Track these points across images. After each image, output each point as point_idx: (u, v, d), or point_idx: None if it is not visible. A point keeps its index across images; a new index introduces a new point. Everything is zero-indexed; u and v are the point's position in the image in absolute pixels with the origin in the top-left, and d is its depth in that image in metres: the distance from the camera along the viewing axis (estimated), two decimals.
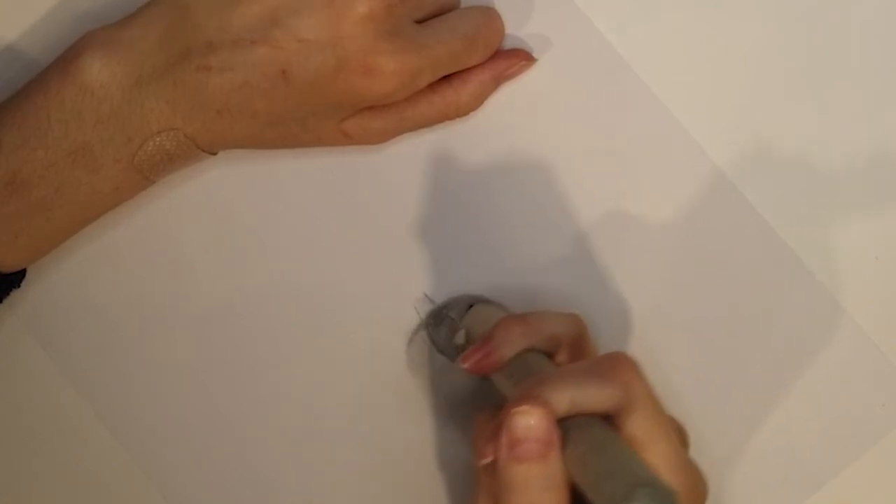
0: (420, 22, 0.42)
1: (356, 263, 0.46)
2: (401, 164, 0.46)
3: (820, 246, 0.45)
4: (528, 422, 0.34)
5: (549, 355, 0.40)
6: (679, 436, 0.39)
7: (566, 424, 0.35)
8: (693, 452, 0.45)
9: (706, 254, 0.46)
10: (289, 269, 0.46)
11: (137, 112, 0.40)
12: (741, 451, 0.45)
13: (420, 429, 0.46)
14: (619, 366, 0.37)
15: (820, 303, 0.45)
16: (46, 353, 0.46)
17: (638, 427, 0.36)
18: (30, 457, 0.46)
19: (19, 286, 0.44)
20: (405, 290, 0.46)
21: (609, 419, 0.36)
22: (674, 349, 0.45)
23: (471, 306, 0.45)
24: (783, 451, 0.45)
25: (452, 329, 0.45)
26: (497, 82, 0.45)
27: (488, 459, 0.35)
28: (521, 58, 0.45)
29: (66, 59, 0.41)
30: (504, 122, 0.46)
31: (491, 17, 0.44)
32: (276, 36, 0.40)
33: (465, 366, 0.40)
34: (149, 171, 0.42)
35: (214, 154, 0.44)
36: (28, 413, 0.46)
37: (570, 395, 0.35)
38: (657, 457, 0.35)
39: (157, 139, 0.41)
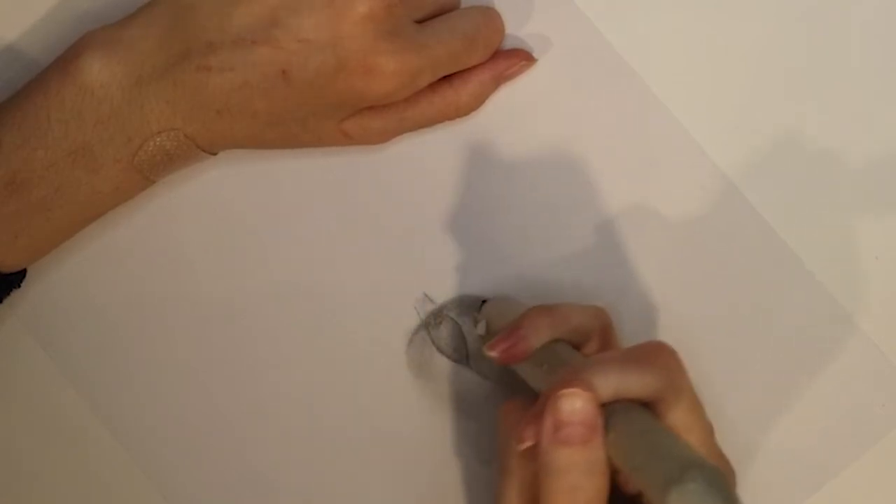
0: (420, 22, 0.42)
1: (356, 263, 0.46)
2: (401, 164, 0.46)
3: (820, 246, 0.45)
4: (574, 405, 0.34)
5: (575, 347, 0.40)
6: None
7: (608, 410, 0.35)
8: None
9: (706, 254, 0.46)
10: (289, 269, 0.46)
11: (137, 112, 0.40)
12: (741, 451, 0.45)
13: (420, 428, 0.46)
14: (660, 354, 0.37)
15: (820, 303, 0.45)
16: (46, 353, 0.46)
17: (678, 416, 0.36)
18: (30, 457, 0.46)
19: (19, 286, 0.44)
20: (405, 290, 0.46)
21: (648, 406, 0.36)
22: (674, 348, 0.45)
23: (483, 302, 0.45)
24: (783, 450, 0.45)
25: (455, 332, 0.45)
26: (497, 82, 0.45)
27: (529, 443, 0.36)
28: (522, 58, 0.45)
29: (66, 59, 0.41)
30: (504, 123, 0.46)
31: (491, 17, 0.44)
32: (276, 36, 0.40)
33: (494, 353, 0.40)
34: (149, 171, 0.42)
35: (214, 154, 0.44)
36: (28, 413, 0.46)
37: (614, 381, 0.35)
38: (695, 443, 0.36)
39: (158, 139, 0.41)
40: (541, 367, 0.39)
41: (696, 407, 0.37)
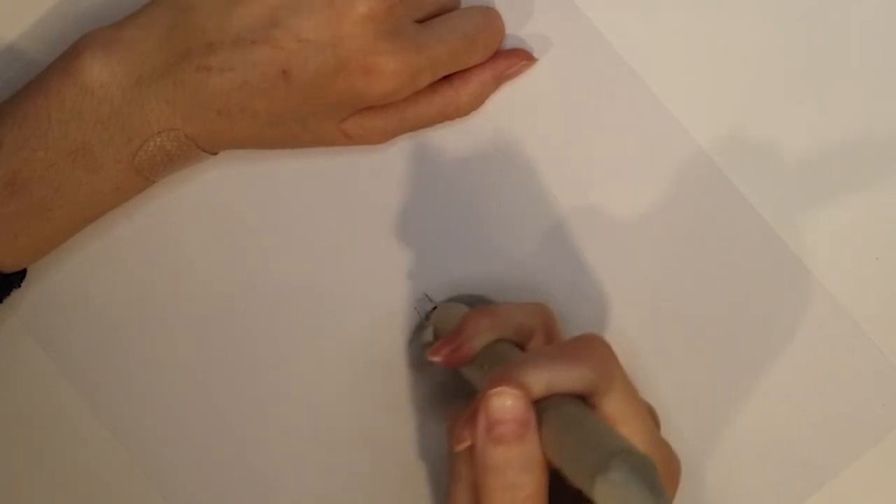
0: (420, 22, 0.42)
1: (356, 263, 0.46)
2: (401, 164, 0.46)
3: (820, 246, 0.45)
4: (505, 402, 0.34)
5: (520, 346, 0.40)
6: (652, 417, 0.39)
7: (542, 405, 0.35)
8: (691, 454, 0.45)
9: (705, 254, 0.46)
10: (288, 269, 0.46)
11: (137, 112, 0.40)
12: (741, 452, 0.45)
13: (421, 428, 0.46)
14: (591, 346, 0.37)
15: (820, 303, 0.45)
16: (46, 353, 0.46)
17: (612, 405, 0.36)
18: (30, 456, 0.46)
19: (19, 286, 0.44)
20: (405, 290, 0.46)
21: (584, 400, 0.36)
22: (673, 349, 0.46)
23: (434, 309, 0.45)
24: (783, 451, 0.45)
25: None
26: (497, 82, 0.45)
27: (466, 443, 0.36)
28: (522, 58, 0.45)
29: (66, 60, 0.41)
30: (504, 122, 0.46)
31: (491, 16, 0.44)
32: (276, 36, 0.40)
33: (436, 359, 0.40)
34: (149, 171, 0.42)
35: (214, 154, 0.44)
36: (28, 413, 0.46)
37: (545, 377, 0.35)
38: (632, 433, 0.36)
39: (158, 139, 0.41)
40: (481, 369, 0.39)
41: (630, 396, 0.37)
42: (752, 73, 0.46)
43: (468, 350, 0.40)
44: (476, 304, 0.45)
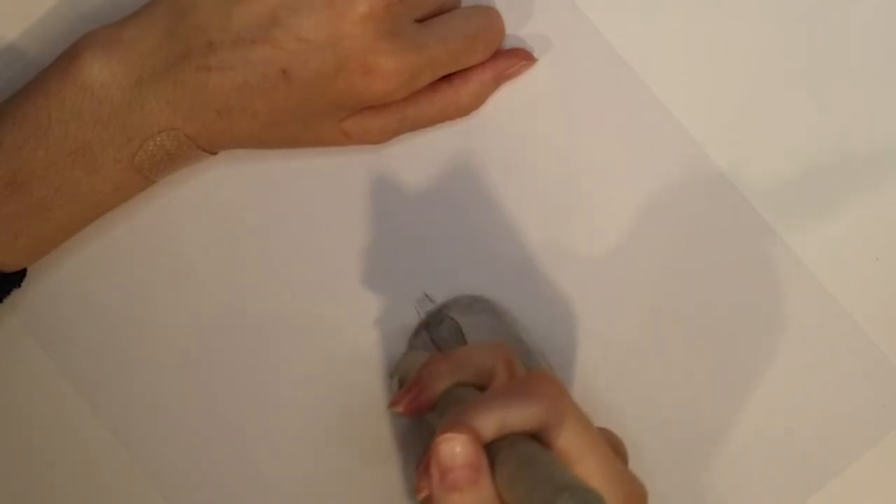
0: (420, 21, 0.42)
1: (356, 263, 0.46)
2: (401, 164, 0.46)
3: (820, 246, 0.45)
4: (454, 448, 0.34)
5: (481, 388, 0.40)
6: (614, 447, 0.38)
7: (495, 446, 0.35)
8: (691, 454, 0.45)
9: (705, 253, 0.46)
10: (289, 269, 0.46)
11: (138, 112, 0.40)
12: (741, 452, 0.45)
13: (420, 427, 0.46)
14: (541, 384, 0.37)
15: (820, 303, 0.45)
16: (46, 353, 0.46)
17: (566, 441, 0.35)
18: (30, 456, 0.46)
19: (19, 286, 0.44)
20: (405, 290, 0.46)
21: (537, 438, 0.36)
22: (673, 350, 0.45)
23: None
24: (783, 451, 0.45)
25: (455, 331, 0.45)
26: (497, 82, 0.45)
27: (425, 493, 0.36)
28: (522, 58, 0.45)
29: (66, 60, 0.41)
30: (504, 122, 0.46)
31: (491, 16, 0.44)
32: (276, 36, 0.40)
33: (398, 409, 0.40)
34: (149, 171, 0.42)
35: (214, 154, 0.44)
36: (28, 413, 0.46)
37: (496, 418, 0.35)
38: (589, 469, 0.35)
39: (158, 139, 0.41)
40: (444, 414, 0.39)
41: (583, 431, 0.36)
42: (752, 72, 0.46)
43: (427, 397, 0.39)
44: (476, 304, 0.45)
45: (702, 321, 0.45)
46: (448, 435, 0.34)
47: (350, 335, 0.46)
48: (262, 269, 0.46)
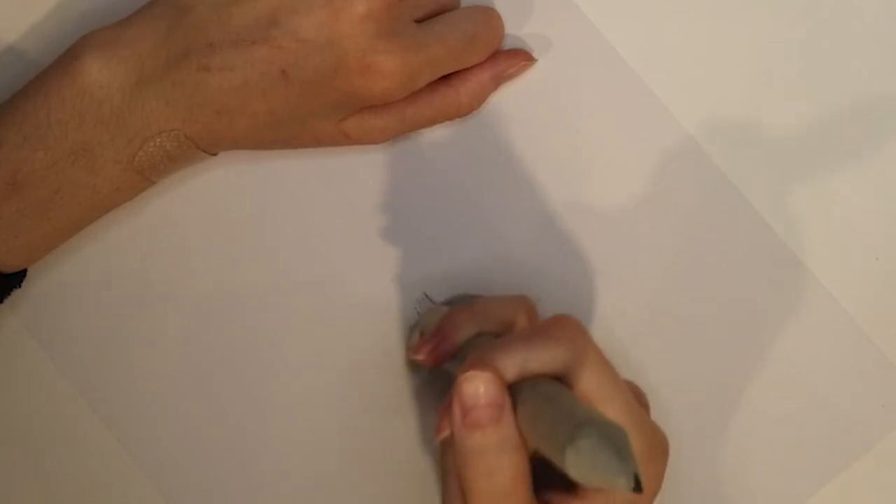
0: (420, 21, 0.42)
1: (356, 263, 0.46)
2: (401, 164, 0.46)
3: (820, 246, 0.45)
4: (478, 387, 0.34)
5: None
6: (637, 396, 0.39)
7: (517, 387, 0.35)
8: (691, 454, 0.45)
9: (705, 253, 0.46)
10: (288, 269, 0.46)
11: (137, 113, 0.40)
12: (741, 453, 0.45)
13: (420, 428, 0.46)
14: (564, 326, 0.37)
15: (820, 303, 0.45)
16: (46, 353, 0.46)
17: (588, 383, 0.36)
18: (30, 457, 0.46)
19: (20, 286, 0.44)
20: (405, 290, 0.46)
21: (560, 380, 0.36)
22: (671, 350, 0.46)
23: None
24: (783, 451, 0.45)
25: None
26: (497, 82, 0.45)
27: (445, 433, 0.36)
28: (522, 58, 0.45)
29: (66, 60, 0.41)
30: (504, 123, 0.46)
31: (491, 16, 0.44)
32: (275, 36, 0.40)
33: (419, 357, 0.40)
34: (149, 171, 0.42)
35: (214, 154, 0.44)
36: (28, 413, 0.46)
37: (519, 359, 0.35)
38: (612, 411, 0.36)
39: (158, 140, 0.41)
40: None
41: (606, 373, 0.36)
42: (752, 72, 0.46)
43: (449, 345, 0.40)
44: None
45: (699, 322, 0.45)
46: (471, 373, 0.34)
47: (350, 335, 0.46)
48: (261, 269, 0.46)
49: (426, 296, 0.46)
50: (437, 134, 0.46)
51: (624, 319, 0.45)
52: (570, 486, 0.37)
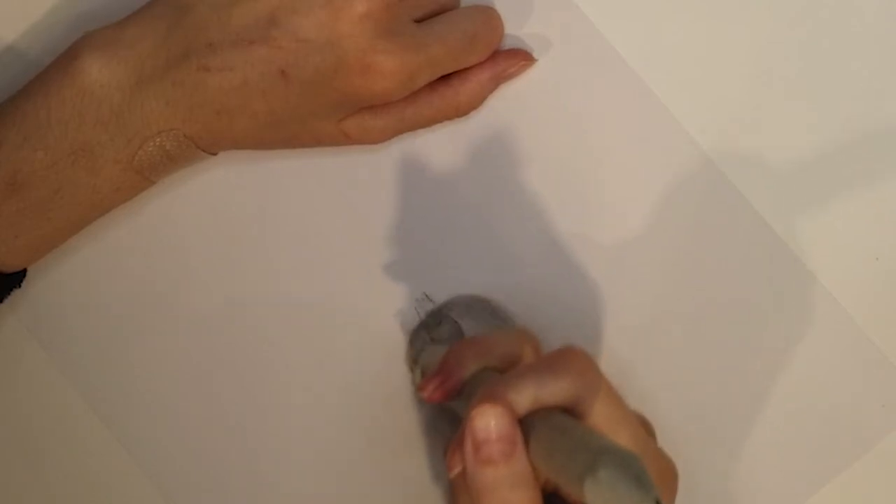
0: (420, 21, 0.42)
1: (356, 263, 0.46)
2: (401, 164, 0.46)
3: (820, 247, 0.45)
4: (489, 422, 0.34)
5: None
6: (643, 426, 0.39)
7: (528, 420, 0.35)
8: (692, 454, 0.45)
9: (705, 254, 0.46)
10: (288, 269, 0.46)
11: (137, 113, 0.40)
12: (740, 453, 0.45)
13: (420, 428, 0.46)
14: (572, 358, 0.37)
15: (820, 303, 0.45)
16: (46, 353, 0.46)
17: (598, 415, 0.36)
18: (30, 457, 0.46)
19: (20, 286, 0.44)
20: (405, 290, 0.46)
21: (569, 412, 0.36)
22: (673, 351, 0.45)
23: (420, 352, 0.45)
24: (783, 451, 0.45)
25: (455, 332, 0.45)
26: (496, 82, 0.45)
27: (458, 469, 0.36)
28: (521, 58, 0.45)
29: (66, 60, 0.41)
30: (504, 123, 0.46)
31: (490, 16, 0.44)
32: (275, 36, 0.40)
33: (424, 395, 0.40)
34: (149, 171, 0.42)
35: (214, 154, 0.44)
36: (28, 413, 0.46)
37: (530, 392, 0.35)
38: (622, 442, 0.36)
39: (157, 140, 0.41)
40: (470, 399, 0.38)
41: (615, 404, 0.37)
42: (752, 72, 0.46)
43: (455, 381, 0.39)
44: (476, 304, 0.45)
45: (702, 322, 0.45)
46: (483, 408, 0.34)
47: (350, 335, 0.46)
48: (261, 269, 0.46)
49: (426, 296, 0.46)
50: (436, 134, 0.46)
51: (622, 322, 0.45)
52: None
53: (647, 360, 0.45)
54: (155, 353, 0.46)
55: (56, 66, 0.41)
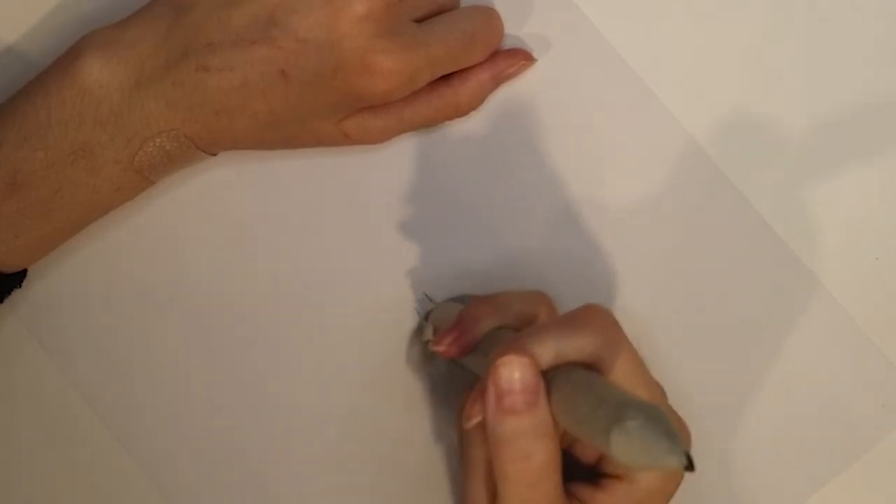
0: (419, 21, 0.42)
1: (356, 263, 0.46)
2: (401, 165, 0.46)
3: (820, 246, 0.45)
4: (513, 372, 0.35)
5: None
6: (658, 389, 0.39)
7: (550, 374, 0.35)
8: (693, 453, 0.45)
9: (705, 254, 0.46)
10: (289, 269, 0.46)
11: (137, 113, 0.40)
12: (740, 453, 0.45)
13: (420, 429, 0.46)
14: (595, 315, 0.37)
15: (820, 302, 0.45)
16: (46, 353, 0.46)
17: (620, 371, 0.36)
18: (30, 457, 0.46)
19: (20, 286, 0.44)
20: (405, 290, 0.46)
21: (591, 368, 0.36)
22: (670, 350, 0.45)
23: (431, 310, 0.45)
24: (783, 451, 0.45)
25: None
26: (496, 82, 0.45)
27: (477, 419, 0.36)
28: (521, 57, 0.45)
29: (66, 60, 0.41)
30: (504, 123, 0.46)
31: (490, 16, 0.44)
32: (274, 36, 0.40)
33: (440, 348, 0.40)
34: (149, 171, 0.42)
35: (214, 155, 0.44)
36: (28, 413, 0.46)
37: (552, 346, 0.35)
38: (641, 395, 0.36)
39: (157, 140, 0.41)
40: (486, 356, 0.39)
41: (637, 362, 0.37)
42: (752, 72, 0.46)
43: (471, 337, 0.40)
44: None
45: (699, 322, 0.45)
46: (507, 358, 0.35)
47: (350, 335, 0.46)
48: (261, 269, 0.46)
49: (426, 296, 0.46)
50: (436, 134, 0.46)
51: (622, 322, 0.45)
52: (592, 478, 0.38)
53: (645, 359, 0.45)
54: (155, 353, 0.46)
55: (56, 66, 0.41)
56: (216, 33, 0.40)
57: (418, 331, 0.46)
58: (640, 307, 0.46)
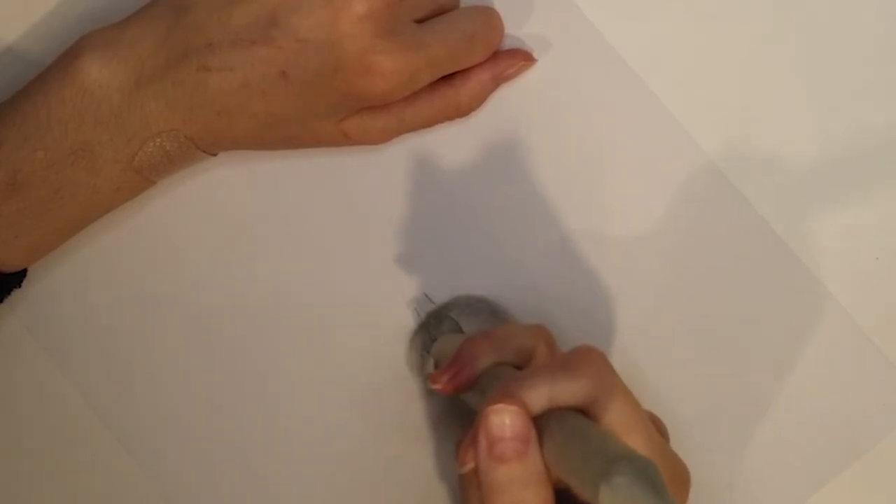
0: (420, 21, 0.42)
1: (356, 263, 0.46)
2: (401, 165, 0.46)
3: (820, 247, 0.45)
4: (504, 420, 0.34)
5: (520, 369, 0.40)
6: (657, 427, 0.39)
7: (542, 420, 0.35)
8: (693, 453, 0.45)
9: (705, 254, 0.46)
10: (288, 270, 0.46)
11: (137, 113, 0.40)
12: (740, 453, 0.45)
13: (420, 429, 0.46)
14: (587, 358, 0.37)
15: (820, 303, 0.45)
16: (46, 353, 0.46)
17: (613, 416, 0.36)
18: (30, 457, 0.46)
19: (20, 286, 0.44)
20: (405, 290, 0.46)
21: (584, 412, 0.36)
22: (676, 352, 0.45)
23: (434, 340, 0.45)
24: (783, 451, 0.45)
25: (455, 332, 0.45)
26: (497, 82, 0.45)
27: (469, 465, 0.36)
28: (522, 58, 0.45)
29: (66, 60, 0.41)
30: (504, 123, 0.46)
31: (491, 16, 0.44)
32: (275, 36, 0.40)
33: (437, 386, 0.40)
34: (149, 171, 0.42)
35: (214, 155, 0.44)
36: (28, 413, 0.46)
37: (545, 391, 0.35)
38: (636, 444, 0.36)
39: (157, 140, 0.41)
40: (483, 394, 0.39)
41: (631, 406, 0.36)
42: (751, 73, 0.46)
43: (468, 374, 0.39)
44: (476, 304, 0.45)
45: (704, 324, 0.45)
46: (498, 406, 0.34)
47: (349, 335, 0.46)
48: (261, 270, 0.46)
49: (426, 296, 0.46)
50: (436, 134, 0.46)
51: (622, 323, 0.45)
52: None
53: (647, 361, 0.45)
54: (155, 353, 0.46)
55: (56, 66, 0.41)
56: (216, 33, 0.40)
57: (418, 331, 0.46)
58: (639, 308, 0.46)
